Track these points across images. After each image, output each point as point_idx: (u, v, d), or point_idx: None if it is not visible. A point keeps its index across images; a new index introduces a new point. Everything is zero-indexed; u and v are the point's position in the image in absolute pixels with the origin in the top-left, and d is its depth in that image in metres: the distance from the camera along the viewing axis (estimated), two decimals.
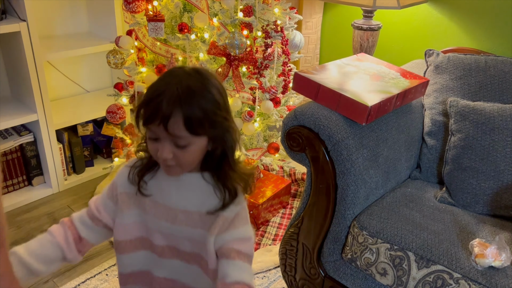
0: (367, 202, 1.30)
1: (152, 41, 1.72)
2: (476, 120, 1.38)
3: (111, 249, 1.78)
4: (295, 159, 1.32)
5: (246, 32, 1.65)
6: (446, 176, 1.41)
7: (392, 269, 1.17)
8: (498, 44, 1.90)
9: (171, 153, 0.75)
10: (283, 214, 2.01)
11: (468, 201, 1.34)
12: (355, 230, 1.24)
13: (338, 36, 2.48)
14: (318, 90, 1.27)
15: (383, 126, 1.35)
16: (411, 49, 2.18)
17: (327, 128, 1.22)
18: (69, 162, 2.18)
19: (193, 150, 0.77)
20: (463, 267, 1.09)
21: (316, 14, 2.44)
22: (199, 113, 0.73)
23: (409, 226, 1.20)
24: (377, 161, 1.30)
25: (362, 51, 2.03)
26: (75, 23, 2.22)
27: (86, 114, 2.14)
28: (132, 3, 1.63)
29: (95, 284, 1.60)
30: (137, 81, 1.75)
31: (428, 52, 1.66)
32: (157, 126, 0.73)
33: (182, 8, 1.69)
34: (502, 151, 1.32)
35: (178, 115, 0.72)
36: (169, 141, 0.75)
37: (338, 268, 1.32)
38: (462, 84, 1.53)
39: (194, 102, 0.73)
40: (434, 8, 2.04)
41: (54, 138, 2.03)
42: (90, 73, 2.35)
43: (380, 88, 1.32)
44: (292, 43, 1.85)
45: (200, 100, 0.74)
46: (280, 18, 1.75)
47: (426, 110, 1.56)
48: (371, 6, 1.81)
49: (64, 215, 1.97)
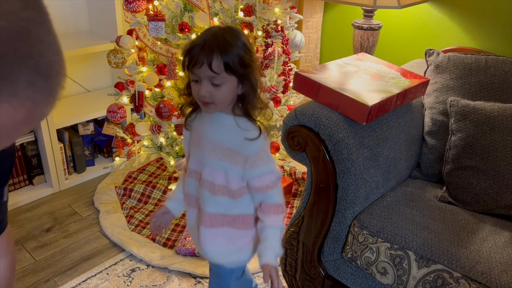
0: (367, 202, 1.30)
1: (152, 41, 1.72)
2: (476, 119, 1.38)
3: (112, 248, 1.78)
4: (295, 159, 1.32)
5: (246, 31, 1.65)
6: (447, 176, 1.41)
7: (392, 268, 1.18)
8: (499, 44, 1.90)
9: (208, 92, 0.93)
10: None
11: (468, 200, 1.34)
12: (356, 230, 1.24)
13: (338, 35, 2.48)
14: (319, 89, 1.27)
15: (384, 126, 1.35)
16: (411, 49, 2.18)
17: (327, 128, 1.22)
18: (69, 162, 2.18)
19: (226, 89, 0.94)
20: (463, 267, 1.09)
21: (317, 13, 2.44)
22: (232, 56, 0.92)
23: (409, 226, 1.20)
24: (377, 161, 1.30)
25: (362, 51, 2.03)
26: (75, 23, 2.22)
27: (87, 113, 2.14)
28: (132, 3, 1.64)
29: (95, 283, 1.60)
30: (138, 81, 1.75)
31: (428, 51, 1.66)
32: (199, 68, 0.92)
33: (183, 8, 1.69)
34: (502, 150, 1.32)
35: (216, 56, 0.90)
36: (207, 81, 0.93)
37: (339, 268, 1.33)
38: (462, 84, 1.53)
39: (228, 47, 0.91)
40: (434, 7, 2.05)
41: (55, 137, 2.03)
42: (90, 72, 2.35)
43: (380, 88, 1.32)
44: (292, 42, 1.85)
45: (233, 46, 0.93)
46: (280, 18, 1.75)
47: (427, 110, 1.56)
48: (372, 6, 1.81)
49: (65, 214, 1.97)
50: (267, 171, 1.01)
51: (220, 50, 0.91)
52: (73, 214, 1.98)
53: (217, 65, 0.91)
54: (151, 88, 1.80)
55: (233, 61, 0.92)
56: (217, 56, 0.91)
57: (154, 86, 1.75)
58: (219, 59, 0.91)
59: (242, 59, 0.94)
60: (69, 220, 1.95)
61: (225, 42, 0.92)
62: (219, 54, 0.91)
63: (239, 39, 0.94)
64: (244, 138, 0.99)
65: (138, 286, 1.59)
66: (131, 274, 1.64)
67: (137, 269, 1.67)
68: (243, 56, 0.94)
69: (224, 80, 0.93)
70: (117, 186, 2.11)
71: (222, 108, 0.99)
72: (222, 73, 0.92)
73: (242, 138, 0.99)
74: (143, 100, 1.78)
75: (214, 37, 0.92)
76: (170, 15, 1.68)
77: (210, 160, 1.02)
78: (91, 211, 2.00)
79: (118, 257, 1.73)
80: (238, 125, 1.00)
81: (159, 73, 1.69)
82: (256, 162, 1.00)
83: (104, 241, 1.82)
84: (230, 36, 0.94)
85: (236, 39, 0.94)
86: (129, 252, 1.74)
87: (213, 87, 0.94)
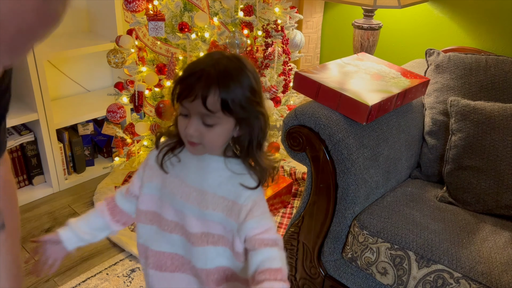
0: (367, 202, 1.30)
1: (152, 41, 1.72)
2: (476, 119, 1.38)
3: (112, 248, 1.78)
4: (295, 159, 1.32)
5: (246, 31, 1.65)
6: (447, 176, 1.41)
7: (392, 269, 1.17)
8: (499, 44, 1.89)
9: (198, 131, 0.78)
10: (283, 213, 2.01)
11: (468, 200, 1.34)
12: (356, 230, 1.24)
13: (338, 35, 2.48)
14: (319, 89, 1.27)
15: (384, 126, 1.35)
16: (411, 49, 2.18)
17: (327, 128, 1.22)
18: (69, 162, 2.18)
19: (219, 131, 0.79)
20: (463, 267, 1.09)
21: (317, 13, 2.44)
22: (232, 94, 0.76)
23: (409, 226, 1.20)
24: (377, 161, 1.30)
25: (362, 51, 2.03)
26: (75, 22, 2.22)
27: (87, 113, 2.13)
28: (132, 2, 1.63)
29: (95, 283, 1.60)
30: (138, 81, 1.75)
31: (428, 51, 1.66)
32: (190, 102, 0.76)
33: (183, 7, 1.69)
34: (502, 150, 1.32)
35: (212, 92, 0.75)
36: (198, 118, 0.77)
37: (339, 268, 1.32)
38: (462, 84, 1.53)
39: (229, 83, 0.76)
40: (434, 7, 2.04)
41: (55, 137, 2.03)
42: (90, 72, 2.35)
43: (380, 88, 1.32)
44: (292, 42, 1.85)
45: (235, 82, 0.76)
46: (280, 18, 1.75)
47: (427, 110, 1.56)
48: (372, 6, 1.81)
49: (65, 214, 1.97)
50: (265, 225, 0.81)
51: (219, 84, 0.75)
52: (73, 214, 1.98)
53: (213, 102, 0.75)
54: (150, 88, 1.80)
55: (233, 100, 0.76)
56: (215, 91, 0.74)
57: (154, 86, 1.75)
58: (216, 95, 0.75)
59: (245, 100, 0.77)
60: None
61: (227, 75, 0.76)
62: (218, 89, 0.75)
63: (245, 74, 0.78)
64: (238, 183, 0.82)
65: (138, 286, 1.59)
66: (131, 274, 1.64)
67: (137, 269, 1.67)
68: (248, 96, 0.78)
69: (218, 120, 0.77)
70: (117, 186, 2.11)
71: (212, 151, 0.83)
72: (218, 112, 0.76)
73: (237, 184, 0.82)
74: (143, 100, 1.78)
75: (215, 67, 0.76)
76: (170, 14, 1.68)
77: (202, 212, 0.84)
78: None
79: (117, 257, 1.73)
80: (229, 168, 0.83)
81: (159, 73, 1.69)
82: (252, 212, 0.81)
83: (103, 241, 1.82)
84: (234, 68, 0.78)
85: (242, 73, 0.78)
86: (129, 252, 1.74)
87: (204, 127, 0.78)
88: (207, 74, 0.75)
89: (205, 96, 0.74)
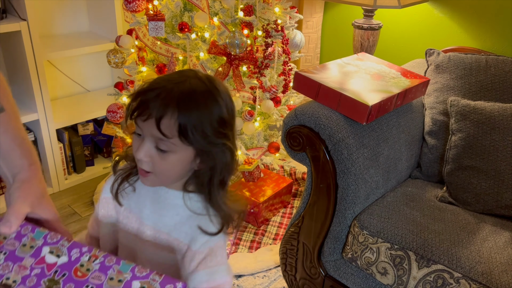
0: (367, 202, 1.30)
1: (152, 41, 1.72)
2: (476, 119, 1.38)
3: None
4: (295, 159, 1.32)
5: (246, 31, 1.65)
6: (447, 176, 1.41)
7: (392, 269, 1.17)
8: (499, 44, 1.89)
9: (149, 156, 0.67)
10: (283, 213, 2.01)
11: (468, 200, 1.34)
12: (356, 230, 1.24)
13: (338, 35, 2.47)
14: (319, 89, 1.27)
15: (384, 126, 1.35)
16: (411, 49, 2.18)
17: (327, 128, 1.22)
18: (69, 162, 2.18)
19: (174, 159, 0.68)
20: (463, 267, 1.09)
21: (317, 13, 2.44)
22: (194, 120, 0.65)
23: (409, 226, 1.20)
24: (377, 161, 1.30)
25: (362, 51, 2.03)
26: (75, 22, 2.22)
27: (87, 113, 2.14)
28: (132, 2, 1.63)
29: None
30: (138, 81, 1.75)
31: (428, 51, 1.66)
32: (143, 122, 0.66)
33: (183, 7, 1.69)
34: (502, 150, 1.32)
35: (169, 114, 0.65)
36: (151, 141, 0.67)
37: (339, 268, 1.32)
38: (462, 84, 1.53)
39: (191, 106, 0.65)
40: (434, 7, 2.04)
41: (55, 137, 2.03)
42: (90, 72, 2.35)
43: (380, 88, 1.32)
44: (292, 42, 1.85)
45: (200, 107, 0.66)
46: (280, 18, 1.75)
47: (427, 110, 1.56)
48: (372, 6, 1.81)
49: (65, 214, 1.97)
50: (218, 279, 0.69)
51: (179, 105, 0.64)
52: (73, 214, 1.98)
53: (168, 125, 0.65)
54: None
55: (194, 127, 0.65)
56: (172, 113, 0.64)
57: None
58: (174, 118, 0.64)
59: (210, 129, 0.67)
60: (69, 220, 1.94)
61: (191, 97, 0.65)
62: (176, 111, 0.64)
63: (214, 101, 0.67)
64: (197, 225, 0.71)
65: None
66: None
67: None
68: (214, 126, 0.67)
69: (174, 147, 0.67)
70: None
71: (165, 183, 0.73)
72: (174, 138, 0.65)
73: (195, 226, 0.71)
74: None
75: (178, 86, 0.66)
76: (170, 14, 1.68)
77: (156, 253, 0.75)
78: (91, 211, 2.00)
79: None
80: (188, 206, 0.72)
81: (159, 73, 1.69)
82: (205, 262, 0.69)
83: None
84: (203, 91, 0.67)
85: (211, 99, 0.67)
86: None
87: (156, 152, 0.67)
88: (166, 92, 0.65)
89: (159, 116, 0.64)
